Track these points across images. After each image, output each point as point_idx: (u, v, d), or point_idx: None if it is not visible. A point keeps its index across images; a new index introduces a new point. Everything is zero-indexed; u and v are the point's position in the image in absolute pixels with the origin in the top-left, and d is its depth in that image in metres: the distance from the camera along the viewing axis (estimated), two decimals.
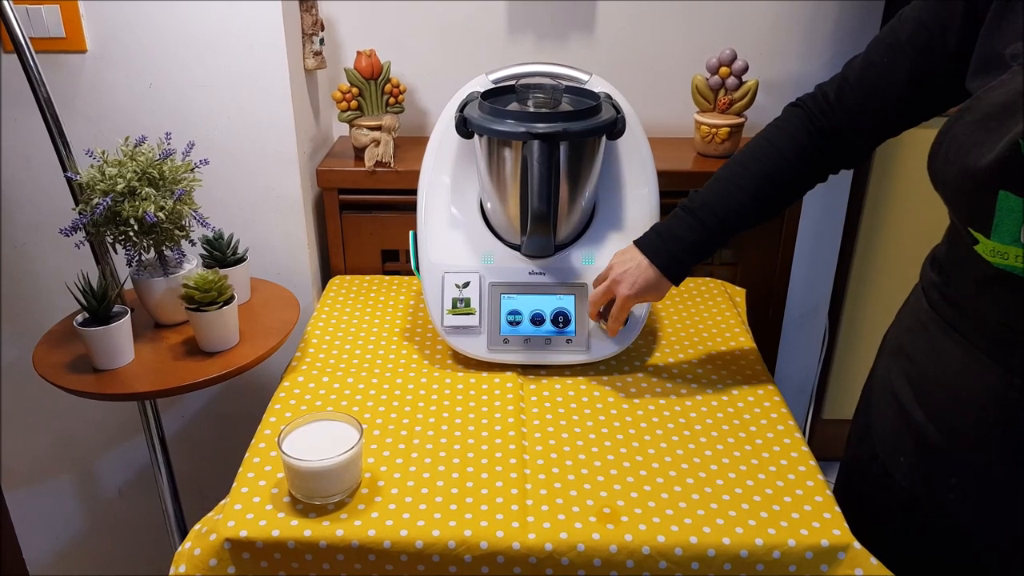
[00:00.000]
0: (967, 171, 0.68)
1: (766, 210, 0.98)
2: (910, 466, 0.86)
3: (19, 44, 1.05)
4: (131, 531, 1.66)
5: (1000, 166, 0.65)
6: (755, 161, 0.96)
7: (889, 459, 0.89)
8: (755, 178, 0.96)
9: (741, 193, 0.96)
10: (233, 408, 1.53)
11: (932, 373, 0.83)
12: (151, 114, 1.28)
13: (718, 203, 0.97)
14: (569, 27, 1.49)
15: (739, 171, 0.97)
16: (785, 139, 0.95)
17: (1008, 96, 0.67)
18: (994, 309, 0.75)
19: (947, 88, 0.80)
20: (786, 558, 0.82)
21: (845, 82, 0.90)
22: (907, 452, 0.86)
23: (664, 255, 1.00)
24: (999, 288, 0.72)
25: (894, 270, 1.77)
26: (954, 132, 0.71)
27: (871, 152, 0.95)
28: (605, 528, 0.84)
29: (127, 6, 1.21)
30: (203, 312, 1.07)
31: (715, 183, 0.99)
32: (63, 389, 1.04)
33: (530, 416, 1.03)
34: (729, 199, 0.97)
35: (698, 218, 0.98)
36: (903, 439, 0.86)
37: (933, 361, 0.82)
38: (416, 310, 1.30)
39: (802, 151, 0.94)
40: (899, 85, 0.84)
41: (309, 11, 1.34)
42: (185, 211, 1.10)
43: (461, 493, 0.89)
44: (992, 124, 0.67)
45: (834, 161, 0.96)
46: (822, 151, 0.94)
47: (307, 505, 0.87)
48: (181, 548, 0.87)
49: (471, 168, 1.15)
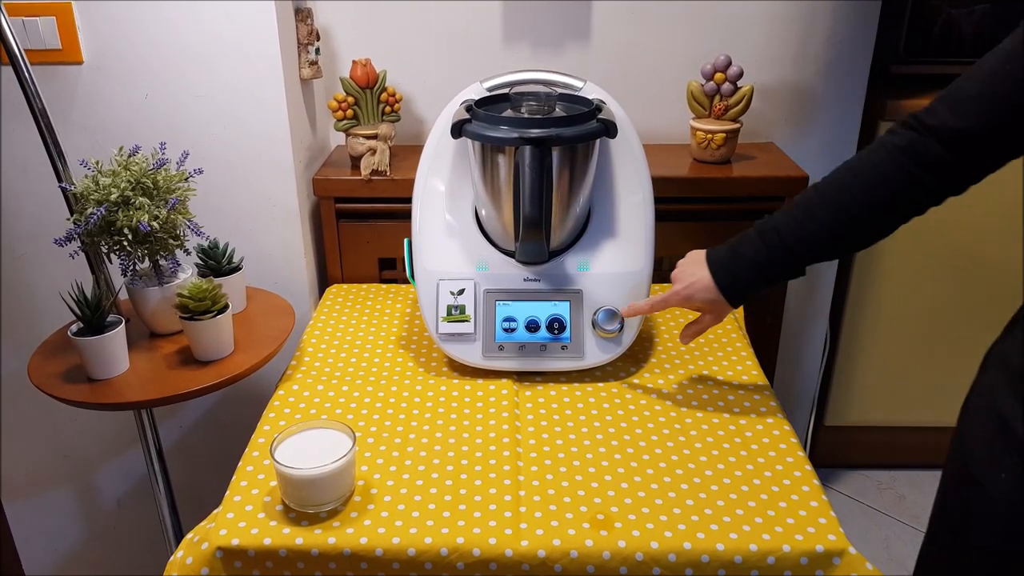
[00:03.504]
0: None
1: (845, 244, 0.91)
2: (1012, 483, 0.79)
3: (15, 56, 1.05)
4: (129, 541, 1.65)
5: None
6: (833, 192, 0.89)
7: (989, 477, 0.81)
8: (831, 210, 0.89)
9: (812, 222, 0.90)
10: (231, 418, 1.53)
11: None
12: (147, 124, 1.29)
13: (789, 228, 0.92)
14: (564, 35, 1.49)
15: (815, 199, 0.91)
16: (870, 169, 0.87)
17: None
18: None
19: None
20: (781, 564, 0.82)
21: (959, 93, 0.80)
22: (1009, 470, 0.79)
23: (727, 272, 0.97)
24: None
25: (896, 275, 1.77)
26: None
27: (982, 176, 0.83)
28: (599, 534, 0.84)
29: (123, 18, 1.22)
30: (197, 321, 1.07)
31: (791, 208, 0.93)
32: (58, 399, 1.04)
33: (524, 423, 1.03)
34: (801, 226, 0.91)
35: (765, 240, 0.93)
36: (1005, 456, 0.79)
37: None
38: (412, 318, 1.30)
39: (888, 183, 0.86)
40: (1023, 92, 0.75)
41: (304, 21, 1.34)
42: (179, 220, 1.10)
43: (454, 500, 0.89)
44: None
45: (936, 192, 0.85)
46: (917, 181, 0.84)
47: (299, 513, 0.87)
48: (173, 557, 0.87)
49: (466, 175, 1.15)
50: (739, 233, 0.98)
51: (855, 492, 1.94)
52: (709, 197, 1.42)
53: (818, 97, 1.55)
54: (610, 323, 1.10)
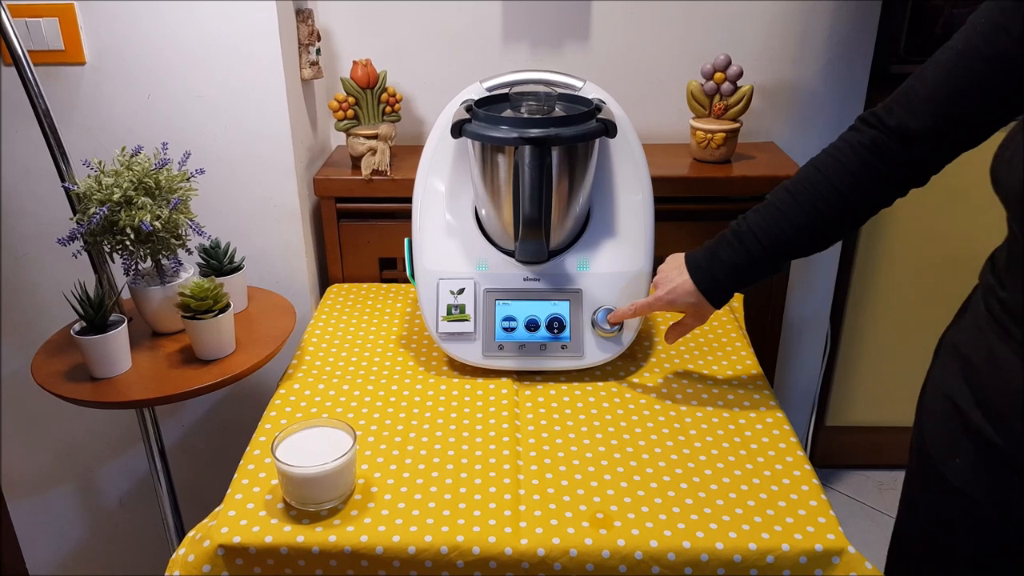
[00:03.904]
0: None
1: (819, 239, 0.94)
2: (966, 467, 0.82)
3: (18, 57, 1.06)
4: (132, 540, 1.66)
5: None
6: (803, 191, 0.92)
7: (943, 461, 0.84)
8: (803, 208, 0.91)
9: (784, 221, 0.93)
10: (233, 417, 1.53)
11: (990, 378, 0.79)
12: (149, 125, 1.29)
13: (762, 228, 0.94)
14: (564, 35, 1.50)
15: (787, 198, 0.93)
16: (838, 168, 0.90)
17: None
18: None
19: None
20: (780, 563, 0.82)
21: (912, 93, 0.84)
22: (963, 454, 0.82)
23: (706, 274, 0.98)
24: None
25: (897, 275, 1.77)
26: (1022, 137, 0.69)
27: (941, 168, 0.87)
28: (598, 533, 0.84)
29: (125, 19, 1.23)
30: (199, 320, 1.07)
31: (764, 208, 0.95)
32: (61, 397, 1.05)
33: (524, 421, 1.03)
34: (774, 225, 0.93)
35: (741, 241, 0.95)
36: (959, 441, 0.82)
37: (991, 366, 0.79)
38: (412, 317, 1.30)
39: (856, 181, 0.89)
40: (976, 90, 0.78)
41: (305, 22, 1.35)
42: (181, 220, 1.11)
43: (454, 499, 0.89)
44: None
45: (901, 184, 0.89)
46: (883, 176, 0.88)
47: (300, 511, 0.87)
48: (175, 554, 0.88)
49: (465, 175, 1.15)
50: (716, 235, 1.00)
51: (855, 492, 1.94)
52: (709, 197, 1.42)
53: (818, 97, 1.55)
54: (609, 322, 1.10)
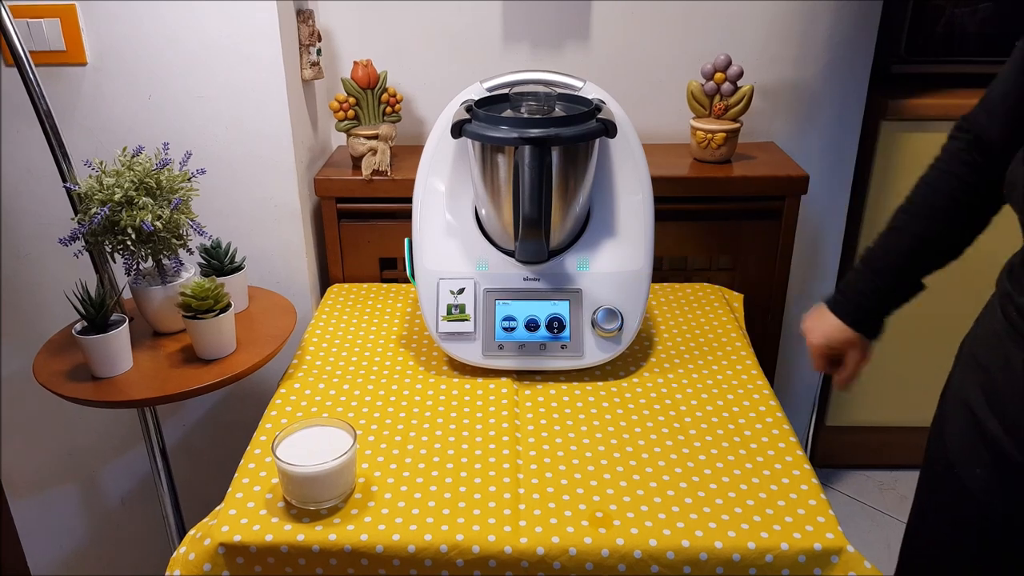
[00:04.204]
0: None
1: (943, 251, 0.94)
2: (985, 475, 0.81)
3: (19, 58, 1.06)
4: (133, 539, 1.66)
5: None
6: (915, 204, 0.93)
7: (965, 470, 0.84)
8: (918, 218, 0.93)
9: (906, 234, 0.94)
10: (234, 417, 1.54)
11: (1006, 386, 0.79)
12: (150, 125, 1.30)
13: (886, 247, 0.96)
14: (564, 35, 1.50)
15: (901, 215, 0.95)
16: (941, 176, 0.91)
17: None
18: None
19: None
20: (779, 562, 0.82)
21: (990, 99, 0.84)
22: (983, 464, 0.81)
23: (850, 308, 0.99)
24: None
25: None
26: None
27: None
28: (597, 532, 0.84)
29: (126, 20, 1.23)
30: (200, 320, 1.07)
31: (884, 232, 0.97)
32: (62, 397, 1.05)
33: (524, 421, 1.03)
34: (897, 241, 0.95)
35: (868, 264, 0.97)
36: (978, 450, 0.82)
37: (1007, 374, 0.78)
38: (413, 317, 1.30)
39: (961, 184, 0.89)
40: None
41: (306, 22, 1.35)
42: (182, 220, 1.11)
43: (454, 498, 0.89)
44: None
45: (991, 195, 0.89)
46: (974, 186, 0.89)
47: (301, 510, 0.87)
48: (176, 553, 0.88)
49: (466, 175, 1.15)
50: (845, 276, 1.00)
51: (855, 492, 1.94)
52: (709, 197, 1.42)
53: (819, 96, 1.55)
54: (609, 322, 1.11)
